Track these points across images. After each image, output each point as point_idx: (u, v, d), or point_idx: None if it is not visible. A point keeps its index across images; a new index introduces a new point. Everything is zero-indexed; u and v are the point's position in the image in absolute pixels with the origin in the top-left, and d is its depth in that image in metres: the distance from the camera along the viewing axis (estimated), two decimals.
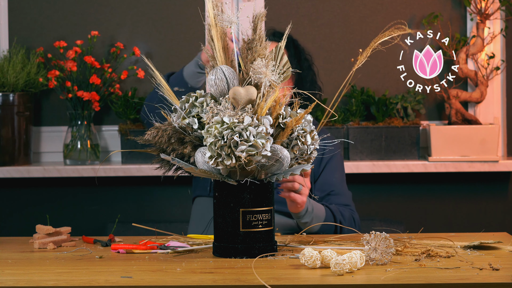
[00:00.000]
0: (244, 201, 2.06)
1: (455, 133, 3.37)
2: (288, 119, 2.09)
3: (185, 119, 2.09)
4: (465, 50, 3.40)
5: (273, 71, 2.07)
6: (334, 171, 2.73)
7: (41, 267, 2.02)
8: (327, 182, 2.70)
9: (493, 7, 3.40)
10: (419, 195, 3.54)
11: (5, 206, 3.53)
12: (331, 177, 2.71)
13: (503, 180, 3.52)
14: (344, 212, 2.64)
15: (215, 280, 1.85)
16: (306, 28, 3.52)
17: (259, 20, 2.12)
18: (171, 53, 3.55)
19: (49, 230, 2.28)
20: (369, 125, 3.45)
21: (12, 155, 3.42)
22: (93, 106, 3.42)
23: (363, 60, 2.20)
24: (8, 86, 3.38)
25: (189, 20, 3.55)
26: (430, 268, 1.94)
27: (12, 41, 3.52)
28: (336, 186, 2.71)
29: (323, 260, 1.95)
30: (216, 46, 2.13)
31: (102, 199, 3.52)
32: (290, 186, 2.37)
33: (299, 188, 2.37)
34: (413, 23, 3.53)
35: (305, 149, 2.12)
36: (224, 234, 2.08)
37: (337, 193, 2.71)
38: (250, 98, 2.04)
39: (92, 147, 3.46)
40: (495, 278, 1.84)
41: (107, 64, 3.43)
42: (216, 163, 1.98)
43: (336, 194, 2.70)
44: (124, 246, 2.19)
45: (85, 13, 3.54)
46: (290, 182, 2.37)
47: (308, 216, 2.48)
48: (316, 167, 2.72)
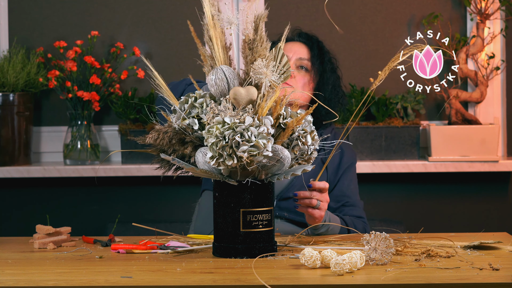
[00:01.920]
0: (245, 201, 2.06)
1: (455, 133, 3.37)
2: (289, 120, 2.09)
3: (185, 120, 2.09)
4: (465, 50, 3.40)
5: (273, 71, 2.07)
6: (350, 182, 2.70)
7: (41, 267, 2.02)
8: (342, 193, 2.68)
9: (493, 7, 3.40)
10: (419, 195, 3.54)
11: (5, 206, 3.53)
12: (347, 189, 2.69)
13: (503, 180, 3.52)
14: (357, 225, 2.62)
15: (215, 280, 1.85)
16: (306, 28, 3.52)
17: (260, 20, 2.12)
18: (171, 53, 3.55)
19: (49, 230, 2.29)
20: (369, 125, 3.45)
21: (12, 155, 3.42)
22: (93, 106, 3.42)
23: (381, 80, 2.21)
24: (8, 86, 3.38)
25: (189, 20, 3.55)
26: (430, 268, 1.94)
27: (12, 41, 3.52)
28: (351, 198, 2.69)
29: (323, 260, 1.95)
30: (215, 46, 2.13)
31: (102, 199, 3.52)
32: (308, 203, 2.35)
33: (317, 204, 2.36)
34: (413, 23, 3.53)
35: (305, 149, 2.12)
36: (224, 234, 2.08)
37: (351, 204, 2.68)
38: (251, 99, 2.04)
39: (92, 147, 3.46)
40: (495, 278, 1.84)
41: (107, 64, 3.43)
42: (217, 163, 1.98)
43: (350, 206, 2.68)
44: (124, 246, 2.19)
45: (85, 13, 3.54)
46: (308, 199, 2.35)
47: (325, 227, 2.46)
48: (332, 177, 2.69)
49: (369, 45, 3.55)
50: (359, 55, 3.55)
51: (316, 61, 2.71)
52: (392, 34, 3.54)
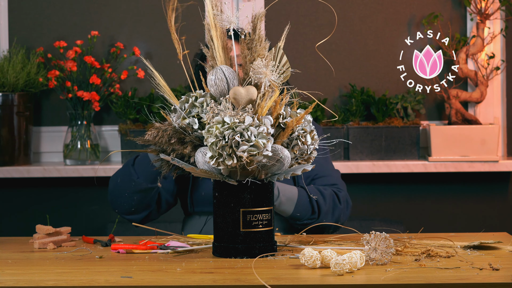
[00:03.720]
0: (245, 201, 2.06)
1: (455, 133, 3.37)
2: (289, 119, 2.09)
3: (185, 119, 2.09)
4: (465, 50, 3.40)
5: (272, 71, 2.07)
6: (316, 160, 2.67)
7: (41, 267, 2.02)
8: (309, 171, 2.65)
9: (493, 7, 3.40)
10: (419, 195, 3.54)
11: (5, 206, 3.53)
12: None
13: (503, 180, 3.52)
14: (324, 190, 2.57)
15: (215, 280, 1.85)
16: (306, 28, 3.52)
17: (258, 20, 2.12)
18: (171, 53, 3.55)
19: (49, 230, 2.28)
20: (369, 125, 3.45)
21: (12, 155, 3.42)
22: (93, 106, 3.42)
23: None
24: (8, 86, 3.38)
25: (189, 20, 3.55)
26: (430, 268, 1.94)
27: (12, 41, 3.52)
28: (319, 170, 2.64)
29: (323, 260, 1.95)
30: (216, 46, 2.13)
31: (102, 199, 3.52)
32: None
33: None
34: (413, 23, 3.53)
35: (305, 149, 2.12)
36: (224, 234, 2.08)
37: (321, 175, 2.64)
38: (251, 98, 2.04)
39: (92, 147, 3.46)
40: (495, 278, 1.84)
41: (107, 64, 3.43)
42: (217, 163, 1.98)
43: (320, 177, 2.64)
44: (124, 246, 2.19)
45: (85, 13, 3.54)
46: None
47: (274, 199, 2.45)
48: None
49: (369, 45, 3.55)
50: (359, 55, 3.55)
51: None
52: (392, 34, 3.54)
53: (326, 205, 2.55)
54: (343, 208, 2.59)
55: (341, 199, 2.60)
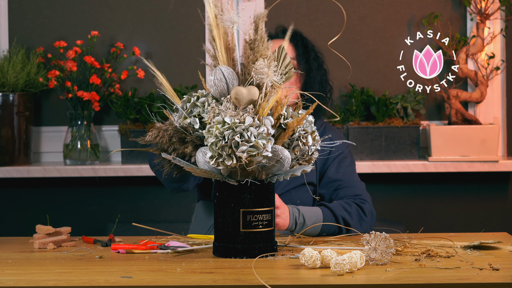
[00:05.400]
0: (245, 201, 2.06)
1: (455, 133, 3.37)
2: (290, 120, 2.09)
3: (187, 118, 2.09)
4: (465, 50, 3.40)
5: (275, 71, 2.06)
6: (339, 168, 2.67)
7: (41, 267, 2.02)
8: (331, 179, 2.64)
9: (493, 7, 3.40)
10: (419, 195, 3.53)
11: (5, 206, 3.53)
12: (336, 173, 2.65)
13: (503, 180, 3.52)
14: (348, 207, 2.57)
15: (215, 280, 1.85)
16: (306, 28, 3.52)
17: (260, 20, 2.12)
18: (171, 53, 3.55)
19: (49, 230, 2.29)
20: (369, 125, 3.45)
21: (12, 155, 3.42)
22: (93, 106, 3.42)
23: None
24: (8, 86, 3.38)
25: (189, 20, 3.56)
26: (430, 268, 1.94)
27: (12, 41, 3.52)
28: (344, 180, 2.65)
29: (323, 260, 1.95)
30: (218, 46, 2.13)
31: (102, 199, 3.52)
32: None
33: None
34: (413, 23, 3.53)
35: (306, 150, 2.12)
36: (224, 234, 2.08)
37: (345, 185, 2.64)
38: (252, 99, 2.04)
39: (92, 147, 3.46)
40: (495, 278, 1.84)
41: (107, 64, 3.43)
42: (217, 163, 1.98)
43: (344, 187, 2.64)
44: (124, 246, 2.19)
45: (85, 13, 3.54)
46: None
47: (300, 228, 2.44)
48: (320, 167, 2.67)
49: (369, 45, 3.55)
50: (359, 55, 3.55)
51: (301, 60, 2.71)
52: (392, 34, 3.54)
53: (352, 221, 2.54)
54: (369, 220, 2.58)
55: (366, 211, 2.59)
